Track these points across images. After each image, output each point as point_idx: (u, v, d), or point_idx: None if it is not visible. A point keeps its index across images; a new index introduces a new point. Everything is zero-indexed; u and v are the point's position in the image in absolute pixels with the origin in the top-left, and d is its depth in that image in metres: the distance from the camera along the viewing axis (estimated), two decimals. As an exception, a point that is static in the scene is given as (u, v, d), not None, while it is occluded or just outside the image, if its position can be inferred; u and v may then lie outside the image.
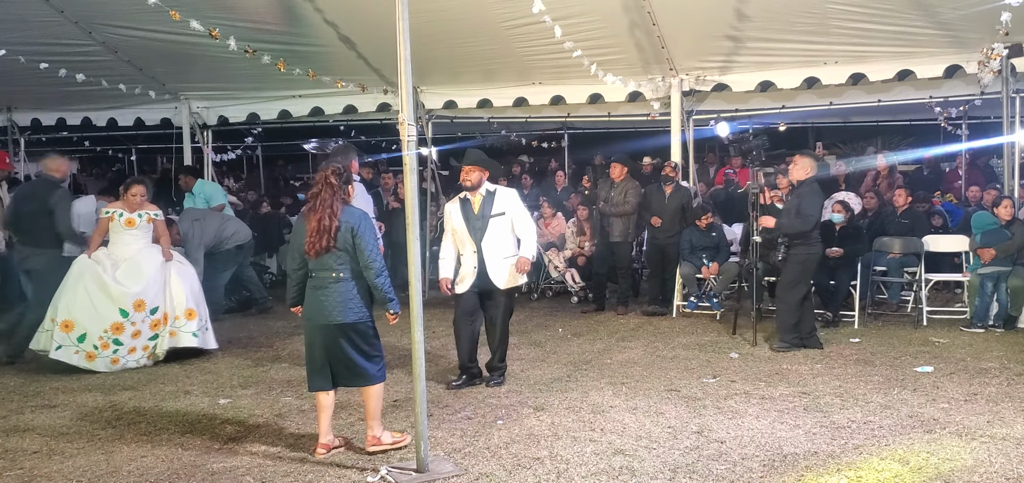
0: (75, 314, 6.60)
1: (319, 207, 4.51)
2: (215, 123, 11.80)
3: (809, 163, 7.30)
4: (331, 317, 4.56)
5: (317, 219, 4.50)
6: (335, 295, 4.55)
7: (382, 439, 4.70)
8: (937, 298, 9.09)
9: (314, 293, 4.61)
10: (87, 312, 6.60)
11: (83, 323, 6.58)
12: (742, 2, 7.75)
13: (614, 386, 5.98)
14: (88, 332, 6.59)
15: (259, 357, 7.21)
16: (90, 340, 6.60)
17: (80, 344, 6.60)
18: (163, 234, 7.11)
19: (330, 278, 4.57)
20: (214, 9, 7.93)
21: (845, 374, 6.23)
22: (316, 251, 4.52)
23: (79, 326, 6.59)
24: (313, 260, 4.57)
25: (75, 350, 6.59)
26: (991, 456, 4.43)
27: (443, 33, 8.59)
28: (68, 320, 6.59)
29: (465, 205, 6.08)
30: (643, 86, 9.74)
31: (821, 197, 7.31)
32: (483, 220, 6.03)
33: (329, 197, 4.52)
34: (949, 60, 8.65)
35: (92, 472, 4.47)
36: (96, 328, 6.60)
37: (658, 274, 9.27)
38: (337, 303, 4.55)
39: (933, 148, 14.16)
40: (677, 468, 4.33)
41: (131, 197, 6.90)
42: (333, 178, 4.55)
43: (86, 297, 6.62)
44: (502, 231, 6.06)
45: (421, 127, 10.85)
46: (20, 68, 9.15)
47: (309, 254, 4.55)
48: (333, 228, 4.48)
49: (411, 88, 4.23)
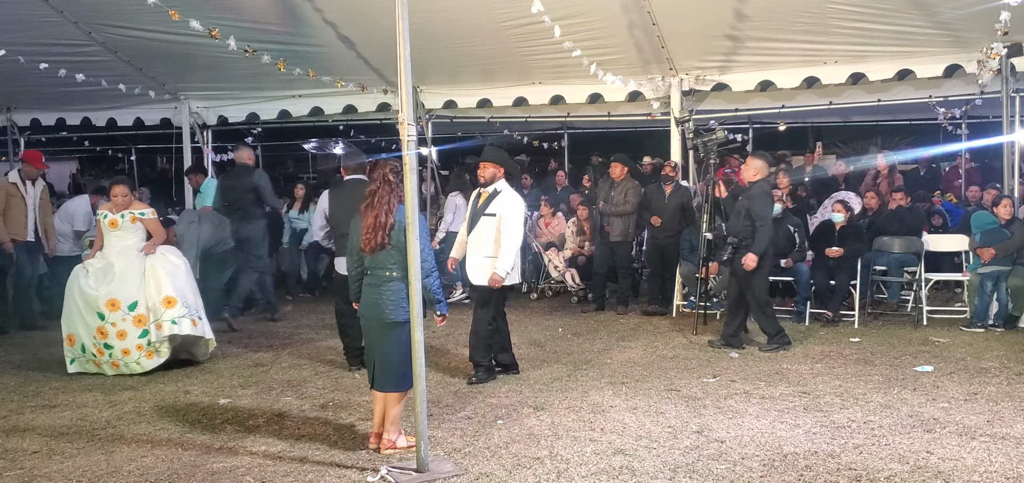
0: (73, 326, 6.62)
1: (376, 204, 4.57)
2: (215, 123, 11.80)
3: (760, 165, 7.33)
4: (384, 315, 4.58)
5: (374, 216, 4.57)
6: (389, 293, 4.59)
7: (397, 444, 4.68)
8: (937, 298, 9.09)
9: (369, 290, 4.66)
10: (78, 322, 6.59)
11: (79, 334, 6.60)
12: (742, 2, 7.75)
13: (614, 386, 5.98)
14: (84, 343, 6.59)
15: (259, 357, 7.21)
16: (88, 350, 6.59)
17: (83, 355, 6.61)
18: (155, 232, 6.94)
19: (384, 276, 4.61)
20: (214, 9, 7.94)
21: (845, 374, 6.23)
22: (371, 248, 4.58)
23: (78, 338, 6.61)
24: (369, 258, 4.63)
25: (86, 361, 6.62)
26: (991, 456, 4.43)
27: (443, 33, 8.59)
28: (70, 334, 6.64)
29: (476, 197, 6.28)
30: (643, 86, 9.74)
31: (771, 200, 7.28)
32: (478, 215, 6.13)
33: (387, 195, 4.59)
34: (949, 60, 8.65)
35: (92, 472, 4.47)
36: (87, 337, 6.57)
37: (658, 274, 9.27)
38: (391, 301, 4.58)
39: (933, 148, 14.17)
40: (677, 468, 4.33)
41: (113, 198, 6.81)
42: (391, 176, 4.61)
43: (75, 307, 6.60)
44: (488, 231, 6.07)
45: (421, 127, 10.85)
46: (20, 68, 9.15)
47: (364, 251, 4.61)
48: (388, 225, 4.55)
49: (411, 88, 4.23)
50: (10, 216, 8.39)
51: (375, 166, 4.76)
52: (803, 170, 11.87)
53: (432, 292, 4.61)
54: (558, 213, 11.09)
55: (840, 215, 8.48)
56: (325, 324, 8.70)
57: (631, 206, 9.13)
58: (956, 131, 14.09)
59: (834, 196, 9.60)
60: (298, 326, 8.68)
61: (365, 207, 4.65)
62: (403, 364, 4.55)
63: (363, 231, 4.61)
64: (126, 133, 14.04)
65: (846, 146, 18.33)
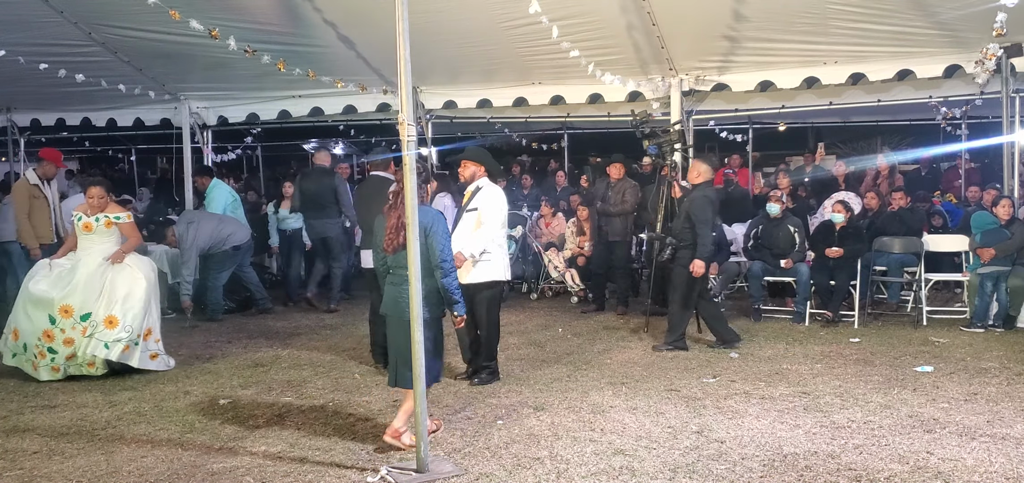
0: (18, 322, 6.44)
1: (399, 204, 4.61)
2: (215, 123, 11.80)
3: (704, 168, 7.40)
4: (406, 312, 4.60)
5: (397, 216, 4.63)
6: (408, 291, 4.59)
7: (403, 438, 4.68)
8: (937, 298, 9.09)
9: (391, 289, 4.73)
10: (24, 320, 6.39)
11: (24, 331, 6.39)
12: (741, 2, 7.75)
13: (614, 386, 5.98)
14: (28, 342, 6.37)
15: (259, 357, 7.20)
16: (30, 349, 6.36)
17: (24, 353, 6.40)
18: (130, 235, 6.74)
19: (406, 275, 4.60)
20: (214, 9, 7.93)
21: (845, 374, 6.23)
22: (393, 247, 4.66)
23: (22, 334, 6.41)
24: (391, 256, 4.70)
25: (26, 358, 6.40)
26: (991, 456, 4.43)
27: (443, 33, 8.58)
28: (15, 328, 6.46)
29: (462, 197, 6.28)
30: (642, 86, 9.74)
31: (712, 204, 7.25)
32: (461, 212, 6.14)
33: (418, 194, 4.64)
34: (948, 60, 8.65)
35: (92, 472, 4.47)
36: (32, 337, 6.34)
37: (658, 274, 9.24)
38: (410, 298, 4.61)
39: (933, 148, 14.18)
40: (677, 468, 4.33)
41: (88, 199, 6.59)
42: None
43: (23, 305, 6.43)
44: (470, 227, 6.01)
45: (421, 127, 10.85)
46: (20, 68, 9.14)
47: (387, 250, 4.69)
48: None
49: (411, 88, 4.23)
50: (35, 218, 8.32)
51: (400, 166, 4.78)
52: (803, 170, 11.89)
53: (450, 293, 4.68)
54: (558, 213, 11.09)
55: (840, 215, 8.48)
56: (325, 324, 8.71)
57: (629, 205, 9.13)
58: (956, 131, 14.11)
59: (834, 196, 9.61)
60: (298, 326, 8.68)
61: (389, 207, 4.71)
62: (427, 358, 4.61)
63: (386, 231, 4.68)
64: (126, 133, 14.05)
65: (846, 146, 18.36)
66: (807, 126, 17.61)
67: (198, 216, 9.21)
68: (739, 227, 9.74)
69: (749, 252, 8.74)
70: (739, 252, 9.33)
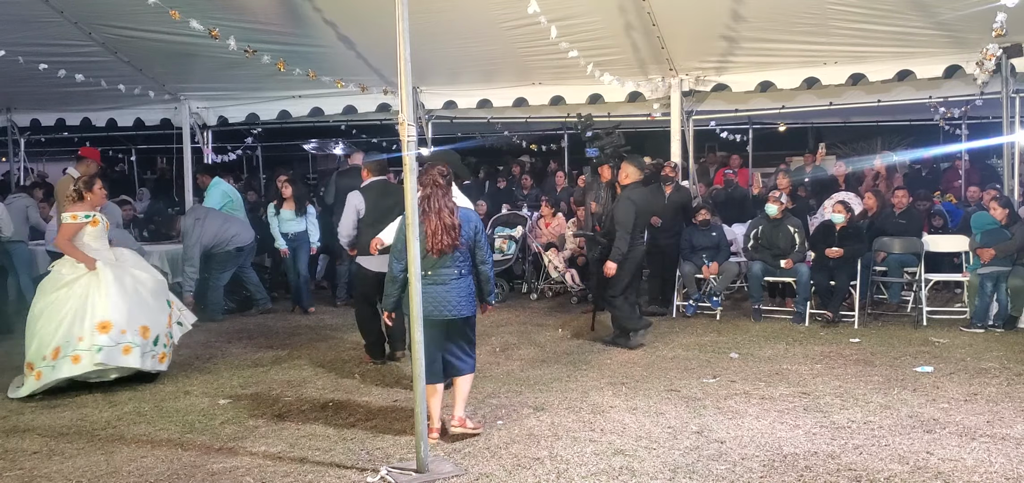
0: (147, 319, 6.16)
1: (436, 207, 4.72)
2: (215, 123, 11.80)
3: (632, 171, 7.48)
4: (455, 311, 4.78)
5: (438, 219, 4.71)
6: (458, 291, 4.80)
7: (467, 423, 4.91)
8: (937, 298, 9.09)
9: (433, 289, 4.74)
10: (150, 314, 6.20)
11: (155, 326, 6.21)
12: (741, 2, 7.75)
13: (614, 386, 5.98)
14: (160, 334, 6.24)
15: (259, 357, 7.20)
16: (161, 342, 6.24)
17: (154, 347, 6.18)
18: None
19: (452, 275, 4.79)
20: (214, 9, 7.93)
21: (845, 374, 6.23)
22: (439, 249, 4.72)
23: (153, 329, 6.20)
24: (433, 259, 4.74)
25: (153, 355, 6.18)
26: (991, 456, 4.43)
27: (443, 33, 8.59)
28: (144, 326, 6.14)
29: None
30: (642, 86, 9.75)
31: (635, 206, 7.33)
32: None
33: (442, 196, 4.77)
34: (948, 60, 8.66)
35: (92, 472, 4.47)
36: (164, 326, 6.29)
37: (658, 274, 9.26)
38: (461, 298, 4.81)
39: (933, 148, 14.19)
40: (677, 468, 4.33)
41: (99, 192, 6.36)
42: (440, 179, 4.79)
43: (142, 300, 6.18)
44: None
45: (421, 127, 10.85)
46: (20, 68, 9.16)
47: (432, 253, 4.73)
48: (457, 226, 4.72)
49: (411, 88, 4.23)
50: None
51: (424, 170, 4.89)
52: (803, 170, 11.88)
53: (492, 284, 4.97)
54: (558, 213, 11.09)
55: (840, 216, 8.48)
56: (325, 324, 8.71)
57: None
58: (956, 131, 14.11)
59: (834, 196, 9.60)
60: (298, 326, 8.67)
61: (423, 212, 4.73)
62: (473, 348, 5.00)
63: (429, 235, 4.70)
64: (126, 133, 14.06)
65: (846, 147, 18.36)
66: (807, 126, 17.62)
67: (206, 213, 9.14)
68: (739, 227, 9.74)
69: (749, 252, 8.74)
70: (739, 252, 9.33)
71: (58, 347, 5.83)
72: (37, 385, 5.85)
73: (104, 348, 5.87)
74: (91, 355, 5.85)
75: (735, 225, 9.94)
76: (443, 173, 4.82)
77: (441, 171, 4.82)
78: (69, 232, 6.13)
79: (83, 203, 6.24)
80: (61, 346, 5.83)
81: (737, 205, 10.69)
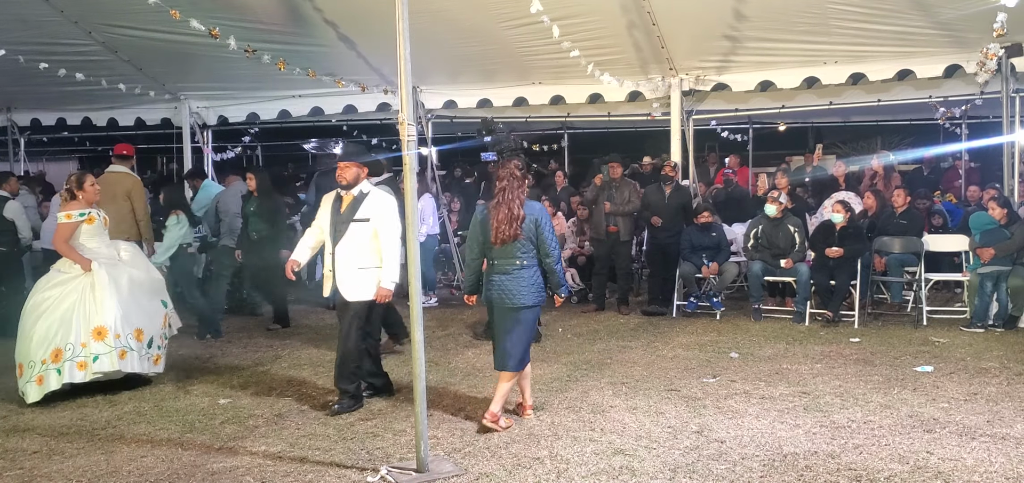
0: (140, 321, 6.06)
1: (508, 198, 4.92)
2: (215, 123, 11.81)
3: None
4: (517, 300, 4.96)
5: (507, 209, 4.90)
6: (521, 281, 4.97)
7: (500, 422, 4.99)
8: (937, 298, 9.09)
9: (499, 279, 4.99)
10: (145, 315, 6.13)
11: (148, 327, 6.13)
12: (742, 2, 7.75)
13: (614, 386, 5.98)
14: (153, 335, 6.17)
15: (259, 357, 7.21)
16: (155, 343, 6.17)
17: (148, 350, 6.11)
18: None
19: (516, 265, 4.96)
20: (214, 9, 7.93)
21: (845, 374, 6.23)
22: (502, 240, 4.90)
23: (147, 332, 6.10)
24: (497, 249, 4.95)
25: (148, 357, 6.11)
26: (991, 456, 4.43)
27: (443, 33, 8.59)
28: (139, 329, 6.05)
29: (337, 201, 5.50)
30: (642, 86, 9.74)
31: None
32: (345, 224, 5.40)
33: (515, 188, 4.95)
34: (949, 60, 8.65)
35: (92, 472, 4.47)
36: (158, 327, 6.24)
37: (658, 274, 9.26)
38: (524, 287, 4.97)
39: (933, 148, 14.18)
40: (677, 468, 4.33)
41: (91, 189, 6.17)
42: (517, 171, 4.99)
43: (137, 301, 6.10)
44: (361, 239, 5.38)
45: (421, 127, 10.85)
46: (20, 68, 9.15)
47: (495, 243, 4.92)
48: (521, 218, 4.87)
49: (411, 88, 4.23)
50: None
51: (501, 163, 5.13)
52: (803, 170, 11.89)
53: (559, 277, 5.08)
54: (558, 213, 11.09)
55: (840, 215, 8.48)
56: (326, 324, 8.70)
57: (634, 206, 9.14)
58: (956, 131, 14.11)
59: (834, 196, 9.60)
60: (298, 327, 8.67)
61: (496, 203, 4.89)
62: (522, 345, 5.03)
63: (494, 224, 4.90)
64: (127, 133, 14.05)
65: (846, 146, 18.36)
66: (807, 126, 17.62)
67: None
68: (739, 227, 9.74)
69: (749, 252, 8.74)
70: (739, 252, 9.33)
71: (59, 349, 5.77)
72: (41, 390, 5.74)
73: (101, 357, 5.81)
74: (90, 363, 5.80)
75: (735, 225, 9.94)
76: (519, 166, 5.01)
77: (517, 164, 5.03)
78: (64, 233, 6.04)
79: (76, 202, 6.10)
80: (62, 348, 5.77)
81: (737, 205, 10.69)
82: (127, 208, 7.76)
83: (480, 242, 5.07)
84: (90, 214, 6.13)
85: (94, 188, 6.23)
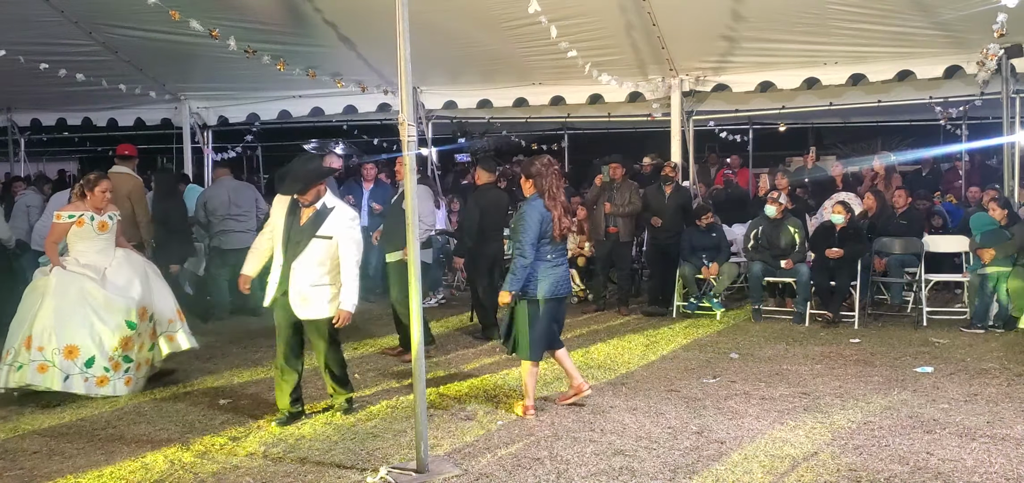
0: (78, 337, 5.65)
1: (557, 193, 5.21)
2: (215, 123, 11.82)
3: (482, 173, 7.90)
4: (569, 289, 5.50)
5: (563, 204, 5.23)
6: (566, 271, 5.43)
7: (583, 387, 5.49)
8: (937, 298, 9.08)
9: (556, 271, 5.27)
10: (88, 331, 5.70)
11: (88, 345, 5.67)
12: (741, 3, 7.75)
13: (614, 386, 5.98)
14: (95, 354, 5.68)
15: (259, 357, 7.20)
16: (99, 363, 5.69)
17: (88, 370, 5.65)
18: (121, 234, 6.33)
19: (565, 257, 5.41)
20: (214, 9, 7.94)
21: (845, 374, 6.23)
22: (562, 233, 5.20)
23: (85, 350, 5.65)
24: (556, 243, 5.23)
25: (85, 377, 5.64)
26: (991, 456, 4.43)
27: (443, 33, 8.59)
28: (72, 345, 5.62)
29: (294, 209, 5.13)
30: (641, 86, 9.75)
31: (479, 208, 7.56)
32: (305, 238, 5.06)
33: (560, 183, 5.29)
34: (949, 60, 8.66)
35: (92, 472, 4.47)
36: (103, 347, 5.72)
37: (659, 274, 9.26)
38: (568, 277, 5.46)
39: (933, 148, 14.19)
40: (677, 468, 4.33)
41: (100, 195, 5.98)
42: (554, 165, 5.30)
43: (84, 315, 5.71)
44: (321, 256, 5.07)
45: (421, 127, 10.86)
46: (20, 68, 9.16)
47: (556, 238, 5.20)
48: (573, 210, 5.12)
49: (411, 88, 4.23)
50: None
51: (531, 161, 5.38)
52: (803, 170, 11.90)
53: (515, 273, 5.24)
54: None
55: (840, 216, 8.48)
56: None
57: (636, 206, 9.13)
58: (956, 131, 14.11)
59: (834, 197, 9.60)
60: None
61: (551, 199, 5.17)
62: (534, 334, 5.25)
63: (556, 220, 5.15)
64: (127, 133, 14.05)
65: (846, 147, 18.37)
66: (807, 126, 17.63)
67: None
68: (739, 227, 9.74)
69: (749, 252, 8.74)
70: (739, 252, 9.33)
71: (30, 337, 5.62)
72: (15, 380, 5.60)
73: (24, 367, 5.59)
74: (25, 372, 5.59)
75: (735, 225, 9.94)
76: (552, 161, 5.30)
77: (549, 159, 5.30)
78: (54, 233, 5.95)
79: (82, 202, 5.97)
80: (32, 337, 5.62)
81: (737, 205, 10.69)
82: (128, 209, 7.72)
83: (537, 237, 5.16)
84: (80, 217, 5.92)
85: (104, 195, 6.03)
